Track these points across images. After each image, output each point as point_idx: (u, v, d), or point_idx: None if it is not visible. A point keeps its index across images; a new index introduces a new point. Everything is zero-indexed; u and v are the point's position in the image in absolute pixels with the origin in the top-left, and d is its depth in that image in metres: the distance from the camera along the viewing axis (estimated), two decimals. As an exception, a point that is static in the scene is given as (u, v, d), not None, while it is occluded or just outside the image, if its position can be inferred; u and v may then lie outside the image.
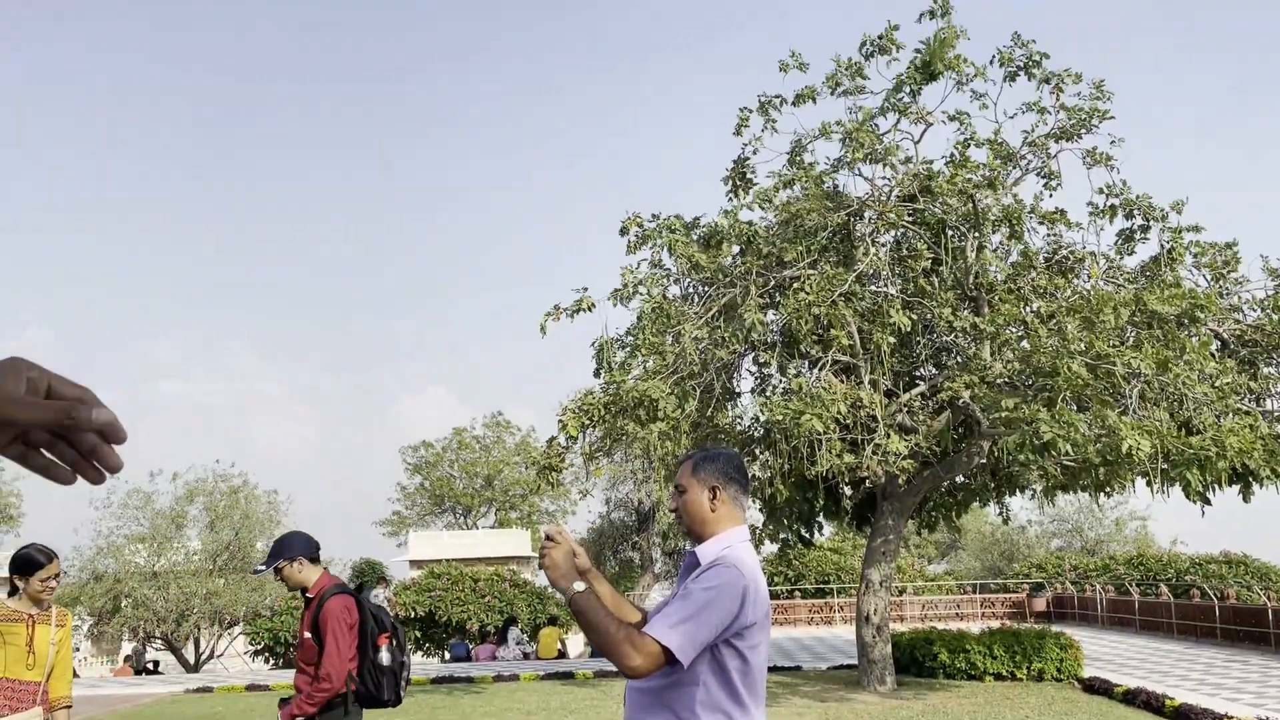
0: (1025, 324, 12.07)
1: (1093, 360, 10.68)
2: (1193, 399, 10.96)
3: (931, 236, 12.60)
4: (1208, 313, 11.63)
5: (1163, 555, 29.72)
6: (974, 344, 12.42)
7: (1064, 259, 13.52)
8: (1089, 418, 10.43)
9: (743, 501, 2.96)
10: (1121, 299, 11.37)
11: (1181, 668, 14.79)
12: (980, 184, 12.17)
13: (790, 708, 11.37)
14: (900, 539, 14.27)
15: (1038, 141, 12.68)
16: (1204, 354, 11.27)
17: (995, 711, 10.83)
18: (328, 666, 4.42)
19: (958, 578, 35.26)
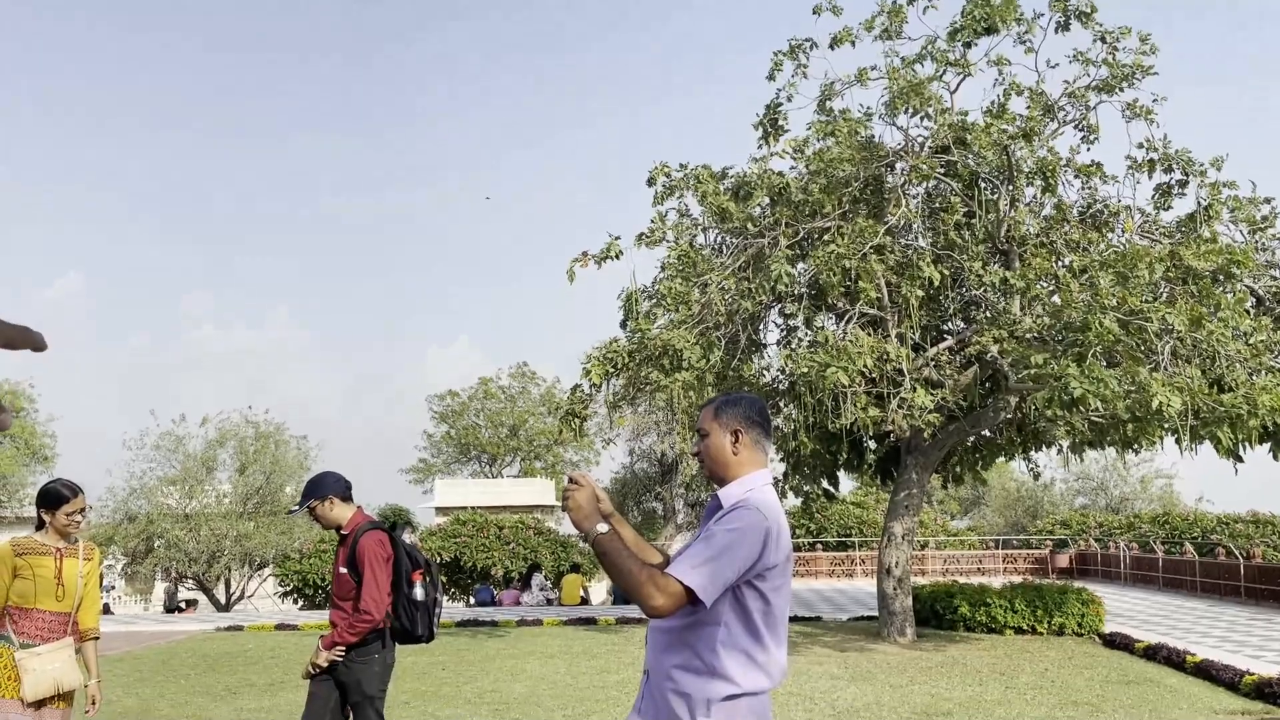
0: (1057, 278, 11.92)
1: (1125, 316, 10.54)
2: (1225, 356, 10.81)
3: (964, 189, 12.42)
4: (1244, 269, 11.44)
5: (1188, 514, 29.56)
6: (1004, 298, 12.29)
7: (1098, 213, 13.31)
8: (1119, 374, 10.32)
9: (765, 445, 2.96)
10: (1156, 254, 11.19)
11: (1204, 625, 14.78)
12: (1016, 135, 11.95)
13: (811, 657, 11.47)
14: (923, 493, 14.27)
15: (1078, 93, 12.41)
16: (1239, 310, 11.10)
17: (1014, 663, 10.88)
18: (367, 599, 4.50)
19: (980, 533, 35.26)
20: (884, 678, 10.00)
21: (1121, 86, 11.95)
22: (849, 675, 10.15)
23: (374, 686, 4.66)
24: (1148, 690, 9.21)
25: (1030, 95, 12.26)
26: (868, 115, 12.63)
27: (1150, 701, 8.65)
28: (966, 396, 12.62)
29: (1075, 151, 12.98)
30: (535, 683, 9.78)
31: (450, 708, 8.45)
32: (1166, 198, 13.17)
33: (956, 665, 10.83)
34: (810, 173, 12.64)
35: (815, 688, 9.37)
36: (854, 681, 9.77)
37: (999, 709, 8.37)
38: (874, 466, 15.89)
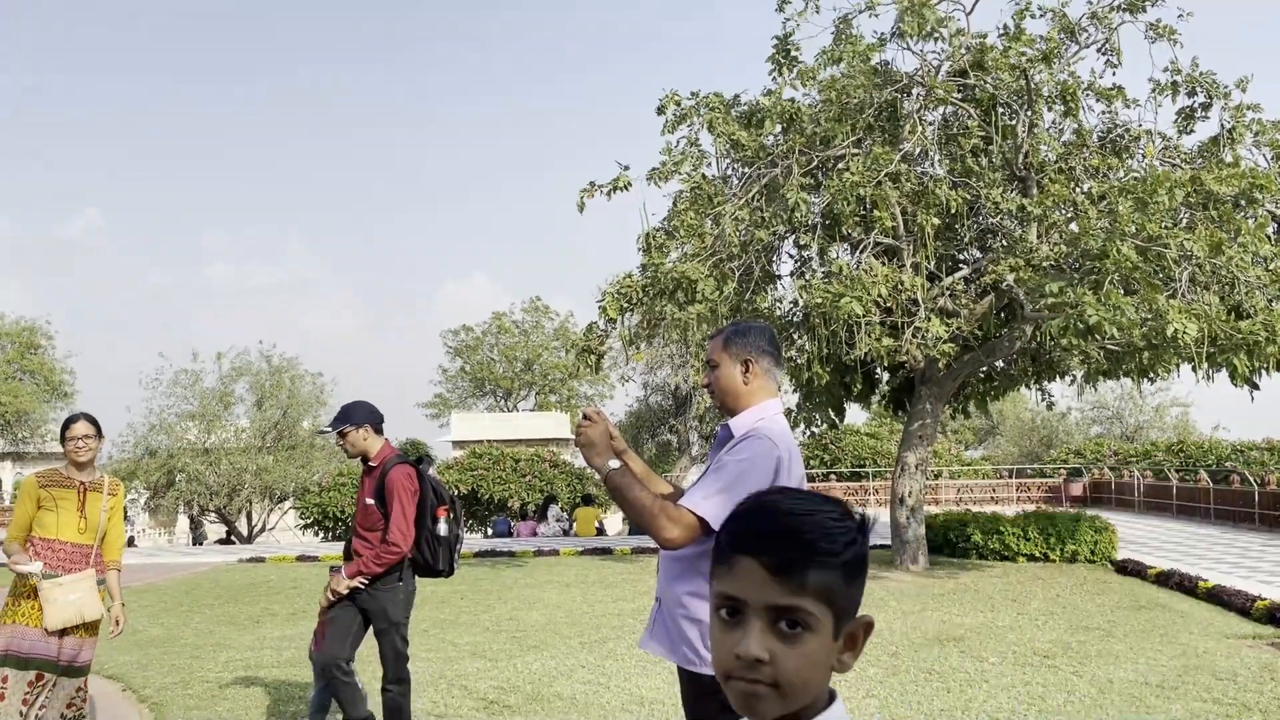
0: (1075, 205, 11.74)
1: (1144, 243, 10.40)
2: (1245, 282, 10.69)
3: (981, 114, 12.18)
4: (1266, 193, 11.23)
5: (1204, 442, 29.54)
6: (1021, 226, 12.14)
7: (1119, 138, 13.04)
8: (1136, 301, 10.22)
9: (776, 374, 2.95)
10: (1177, 179, 10.98)
11: (1217, 551, 14.85)
12: (1035, 58, 11.67)
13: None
14: (937, 423, 14.27)
15: (1101, 13, 12.08)
16: (1260, 236, 10.94)
17: (1026, 590, 10.98)
18: (395, 532, 4.56)
19: (995, 463, 35.37)
20: (897, 605, 10.12)
21: (1145, 6, 11.62)
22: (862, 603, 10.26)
23: (399, 613, 4.74)
24: (1159, 615, 9.29)
25: (1052, 16, 11.94)
26: (881, 41, 12.34)
27: (1161, 626, 8.73)
28: (982, 326, 12.55)
29: (1097, 75, 12.68)
30: (552, 611, 9.94)
31: (469, 635, 8.61)
32: (1189, 122, 12.90)
33: (969, 592, 10.94)
34: (823, 100, 12.41)
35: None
36: (867, 609, 9.85)
37: (1010, 634, 8.46)
38: (887, 397, 15.89)
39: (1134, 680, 6.72)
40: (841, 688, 6.50)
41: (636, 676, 6.85)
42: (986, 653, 7.69)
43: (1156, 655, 7.51)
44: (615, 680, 6.79)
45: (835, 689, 1.09)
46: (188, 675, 7.09)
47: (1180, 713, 5.91)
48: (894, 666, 7.21)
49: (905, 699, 6.28)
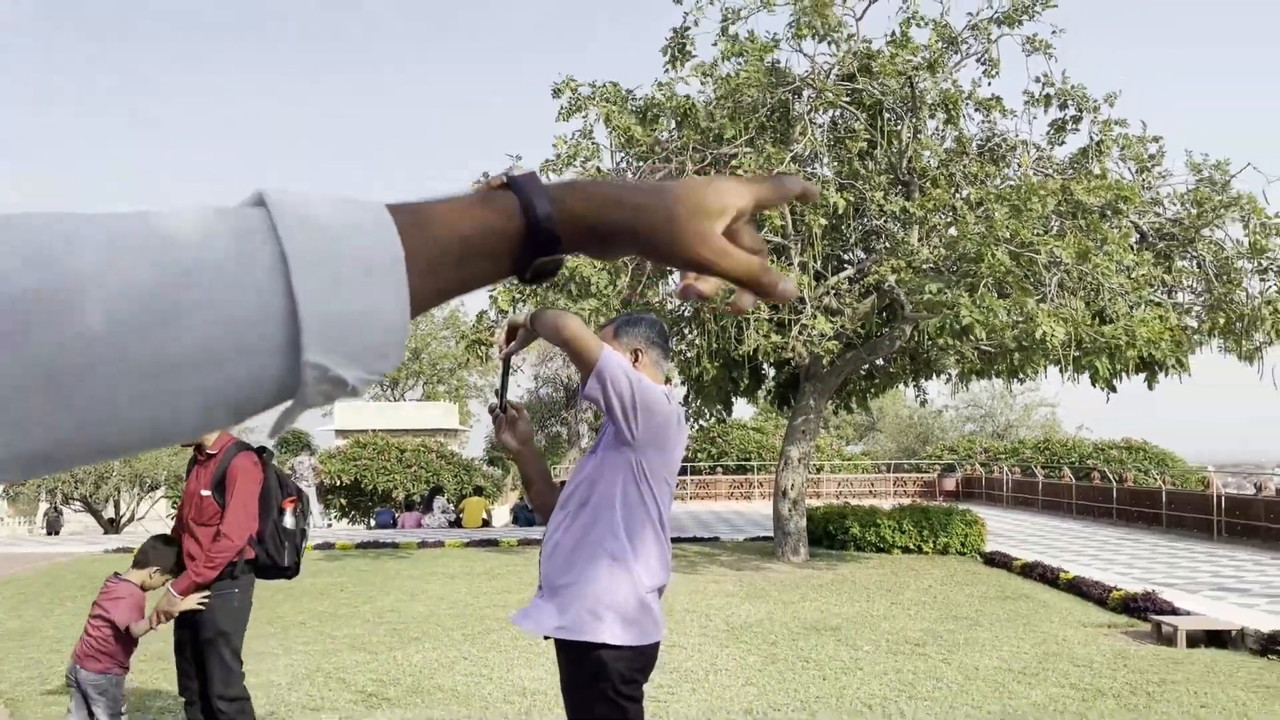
0: (954, 210, 12.16)
1: (1017, 248, 10.85)
2: (1109, 289, 11.26)
3: (868, 118, 12.51)
4: (1130, 205, 11.85)
5: (1068, 440, 31.05)
6: (903, 228, 12.51)
7: (996, 147, 13.58)
8: (1008, 304, 10.67)
9: (663, 366, 3.01)
10: (1049, 188, 11.50)
11: (1078, 544, 15.64)
12: (920, 66, 12.05)
13: (708, 576, 11.77)
14: (820, 418, 14.63)
15: (980, 25, 12.53)
16: (1123, 245, 11.53)
17: (900, 580, 11.36)
18: (231, 523, 4.11)
19: (874, 458, 36.44)
20: (777, 595, 10.34)
21: (1021, 19, 12.10)
22: (744, 593, 10.46)
23: (230, 622, 4.28)
24: (1022, 605, 9.74)
25: (934, 26, 12.34)
26: (775, 41, 12.54)
27: (1024, 615, 9.15)
28: (864, 325, 12.90)
29: (976, 85, 13.16)
30: (435, 602, 9.81)
31: (348, 627, 8.43)
32: (1061, 133, 13.50)
33: (846, 583, 11.26)
34: (717, 97, 12.55)
35: (711, 605, 9.64)
36: (748, 599, 10.07)
37: (884, 623, 8.75)
38: (773, 392, 16.22)
39: (998, 667, 7.03)
40: (720, 676, 6.62)
41: (519, 667, 6.82)
42: (861, 641, 7.93)
43: (1020, 643, 7.87)
44: (498, 671, 6.75)
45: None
46: (46, 670, 6.76)
47: (1040, 698, 6.21)
48: (772, 655, 7.37)
49: (783, 686, 6.43)
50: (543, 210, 0.62)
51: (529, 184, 0.62)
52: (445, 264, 0.58)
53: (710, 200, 0.69)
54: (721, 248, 0.69)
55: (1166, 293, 13.03)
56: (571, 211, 0.64)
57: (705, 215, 0.69)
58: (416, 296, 0.55)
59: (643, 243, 0.67)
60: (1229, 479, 25.75)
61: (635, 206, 0.67)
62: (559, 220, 0.63)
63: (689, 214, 0.68)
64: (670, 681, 6.50)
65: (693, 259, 0.68)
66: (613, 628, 2.75)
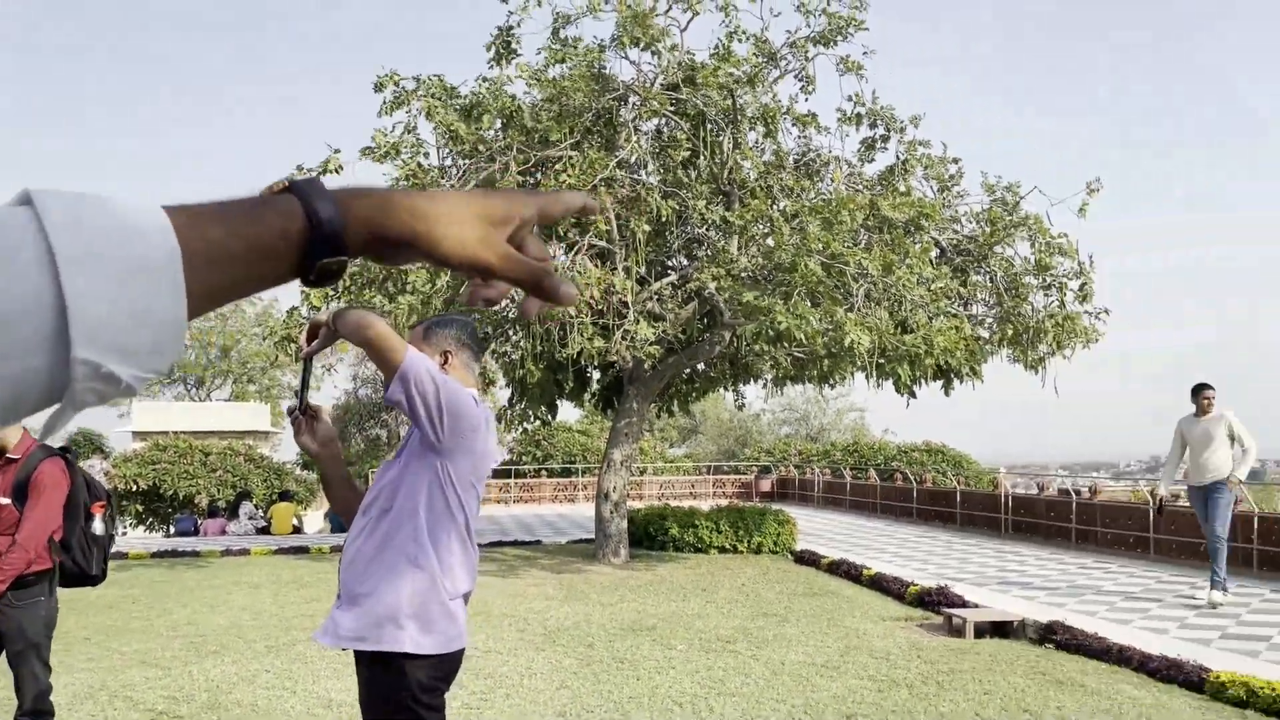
0: (772, 221, 12.59)
1: (828, 259, 11.33)
2: (910, 300, 11.92)
3: (691, 128, 12.78)
4: (931, 221, 12.58)
5: (875, 443, 32.71)
6: (724, 237, 12.85)
7: (811, 161, 14.15)
8: (820, 313, 11.13)
9: (474, 368, 2.97)
10: (858, 203, 12.07)
11: (881, 542, 16.47)
12: (741, 80, 12.41)
13: (528, 579, 11.71)
14: (643, 421, 14.84)
15: (798, 43, 13.02)
16: (924, 259, 12.23)
17: (716, 580, 11.65)
18: (29, 532, 3.91)
19: (695, 460, 37.27)
20: (596, 596, 10.40)
21: (836, 40, 12.65)
22: (563, 595, 10.47)
23: (39, 632, 4.14)
24: (828, 601, 10.16)
25: (755, 41, 12.73)
26: (601, 47, 12.64)
27: (829, 611, 9.55)
28: (686, 330, 13.18)
29: (794, 100, 13.68)
30: (237, 613, 9.33)
31: (140, 641, 7.90)
32: (871, 151, 14.20)
33: (664, 583, 11.44)
34: (544, 99, 12.53)
35: (530, 608, 9.59)
36: (567, 601, 10.08)
37: (698, 621, 8.94)
38: (598, 396, 16.33)
39: (803, 661, 7.30)
40: (535, 680, 6.59)
41: (326, 679, 6.57)
42: (676, 640, 8.07)
43: (824, 638, 8.21)
44: (302, 684, 6.48)
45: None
46: None
47: (840, 690, 6.49)
48: (589, 657, 7.39)
49: (597, 688, 6.46)
50: (325, 213, 0.63)
51: (310, 187, 0.64)
52: (225, 263, 0.58)
53: (495, 208, 0.73)
54: (504, 252, 0.72)
55: (962, 305, 13.93)
56: (356, 215, 0.65)
57: (489, 221, 0.72)
58: (194, 295, 0.55)
59: (428, 246, 0.69)
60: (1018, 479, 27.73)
61: (421, 212, 0.68)
62: (343, 223, 0.64)
63: (473, 219, 0.71)
64: (484, 688, 6.42)
65: (476, 262, 0.71)
66: (414, 636, 2.69)
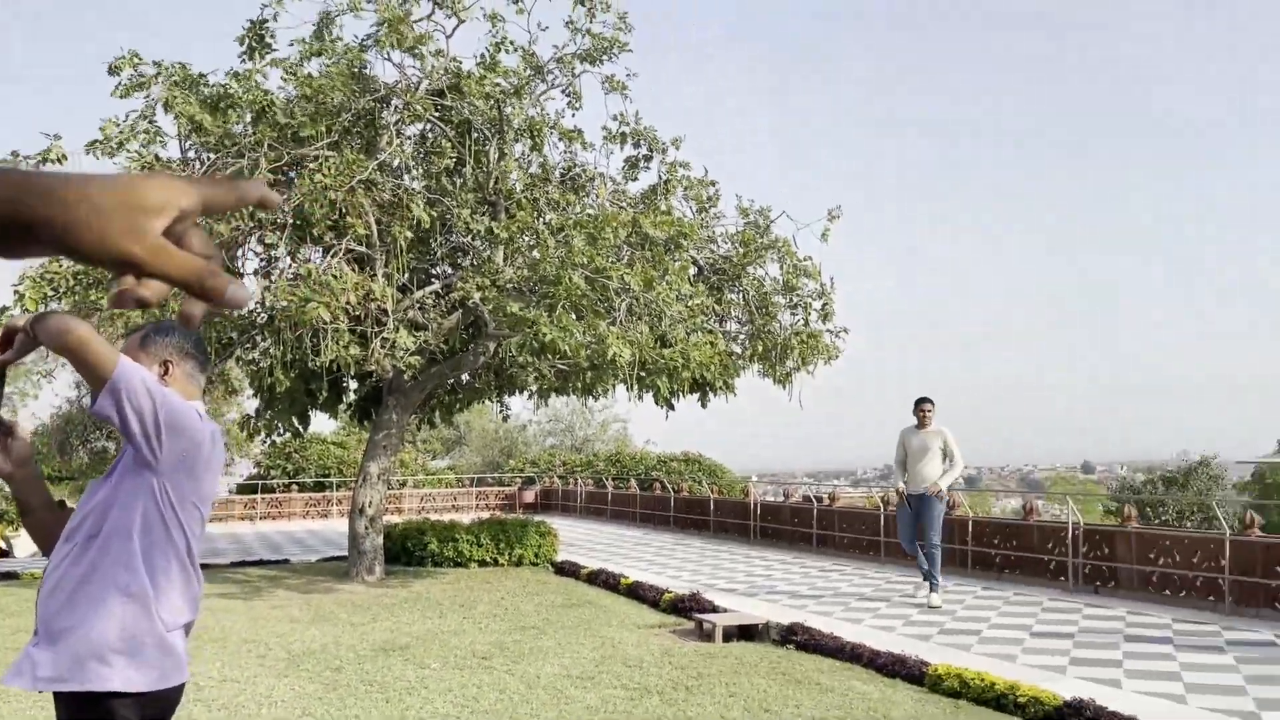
0: (537, 234, 12.62)
1: (592, 274, 11.49)
2: (669, 316, 12.28)
3: (457, 136, 12.61)
4: (690, 240, 13.04)
5: (637, 453, 33.48)
6: (489, 248, 12.75)
7: (577, 176, 14.32)
8: (583, 326, 11.26)
9: (199, 379, 2.77)
10: (622, 220, 12.32)
11: (639, 551, 16.84)
12: (508, 91, 12.38)
13: (272, 601, 11.09)
14: (403, 433, 14.44)
15: (566, 59, 13.15)
16: (682, 277, 12.64)
17: (475, 594, 11.49)
18: None
19: (459, 472, 36.72)
20: (346, 617, 9.99)
21: (602, 59, 12.89)
22: (310, 617, 9.98)
23: None
24: (586, 611, 10.26)
25: (523, 55, 12.75)
26: (363, 47, 12.25)
27: (587, 621, 9.64)
28: (449, 340, 12.96)
29: (560, 115, 13.80)
30: (-73, 652, 8.25)
31: None
32: (634, 170, 14.55)
33: (420, 600, 11.16)
34: (299, 96, 11.97)
35: (272, 632, 9.08)
36: (315, 623, 9.62)
37: (454, 638, 8.77)
38: (355, 406, 15.74)
39: (559, 674, 7.32)
40: (275, 709, 6.24)
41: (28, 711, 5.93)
42: (430, 659, 7.88)
43: (580, 649, 8.27)
44: (3, 728, 5.81)
45: None
46: None
47: (594, 701, 6.55)
48: (335, 681, 7.08)
49: (343, 713, 6.19)
50: None
51: None
52: None
53: (148, 196, 0.64)
54: (156, 246, 0.64)
55: (718, 322, 14.52)
56: None
57: (140, 211, 0.63)
58: None
59: (65, 235, 0.60)
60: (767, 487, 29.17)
61: (54, 195, 0.60)
62: None
63: (120, 208, 0.62)
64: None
65: (122, 256, 0.63)
66: (124, 673, 2.45)
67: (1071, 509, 12.57)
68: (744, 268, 14.26)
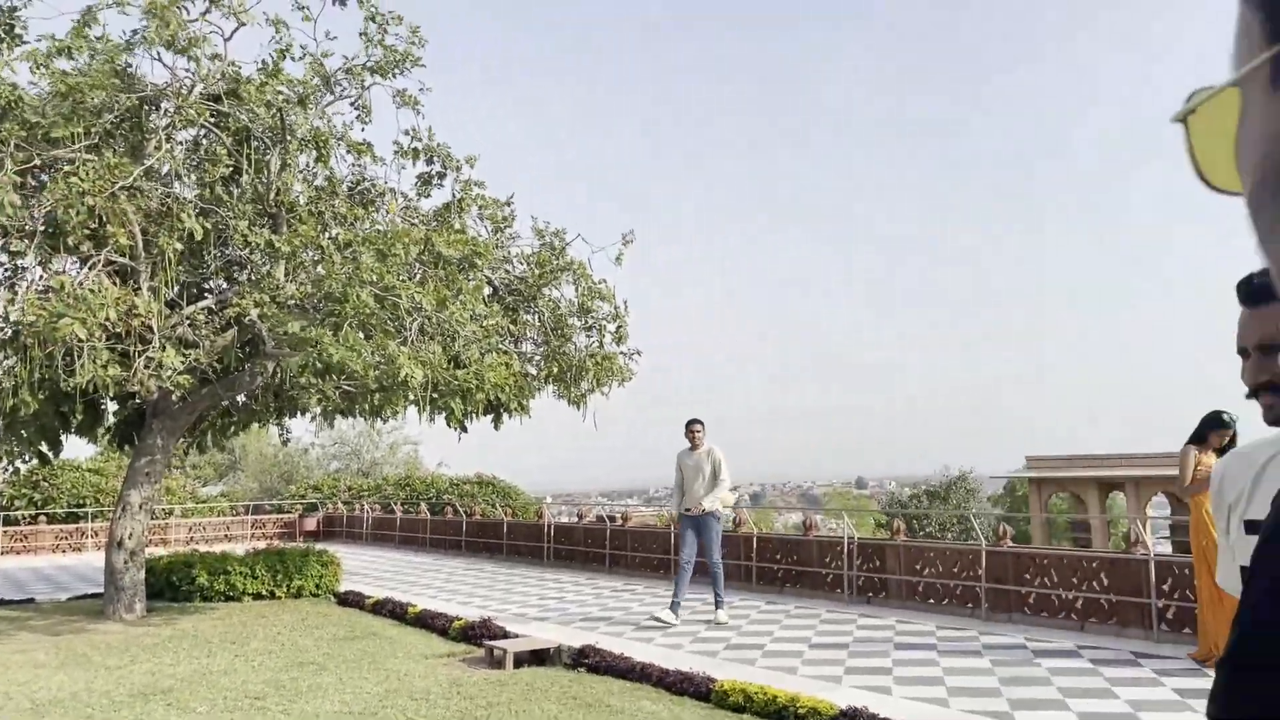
0: (322, 249, 12.10)
1: (381, 291, 11.11)
2: (463, 336, 12.06)
3: (234, 143, 11.92)
4: (484, 260, 12.88)
5: (427, 476, 32.67)
6: (269, 262, 12.11)
7: (366, 191, 13.87)
8: (372, 345, 10.87)
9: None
10: (413, 237, 12.00)
11: (428, 577, 16.37)
12: (292, 100, 11.84)
13: (14, 645, 10.00)
14: (169, 458, 13.44)
15: (355, 70, 12.72)
16: (477, 297, 12.46)
17: (248, 630, 10.79)
18: None
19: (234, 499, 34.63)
20: (101, 659, 9.13)
21: (393, 73, 12.56)
22: (59, 661, 9.06)
23: None
24: (370, 643, 9.84)
25: (310, 64, 12.24)
26: (129, 45, 11.38)
27: (371, 654, 9.24)
28: (223, 359, 12.18)
29: (349, 127, 13.32)
30: None
31: None
32: (427, 187, 14.23)
33: (186, 638, 10.37)
34: (53, 94, 10.97)
35: (13, 680, 8.17)
36: (63, 668, 8.74)
37: (224, 678, 8.18)
38: (114, 430, 14.52)
39: (339, 711, 6.96)
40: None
41: None
42: (195, 702, 7.31)
43: (363, 683, 7.90)
44: None
45: None
46: None
47: (377, 737, 6.26)
48: (86, 734, 6.44)
49: (93, 770, 5.62)
50: None
51: None
52: None
53: None
54: None
55: (513, 342, 14.39)
56: None
57: None
58: None
59: None
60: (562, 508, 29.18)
61: None
62: None
63: None
64: (-61, 787, 5.30)
65: None
66: None
67: (847, 524, 13.25)
68: (539, 289, 14.23)
